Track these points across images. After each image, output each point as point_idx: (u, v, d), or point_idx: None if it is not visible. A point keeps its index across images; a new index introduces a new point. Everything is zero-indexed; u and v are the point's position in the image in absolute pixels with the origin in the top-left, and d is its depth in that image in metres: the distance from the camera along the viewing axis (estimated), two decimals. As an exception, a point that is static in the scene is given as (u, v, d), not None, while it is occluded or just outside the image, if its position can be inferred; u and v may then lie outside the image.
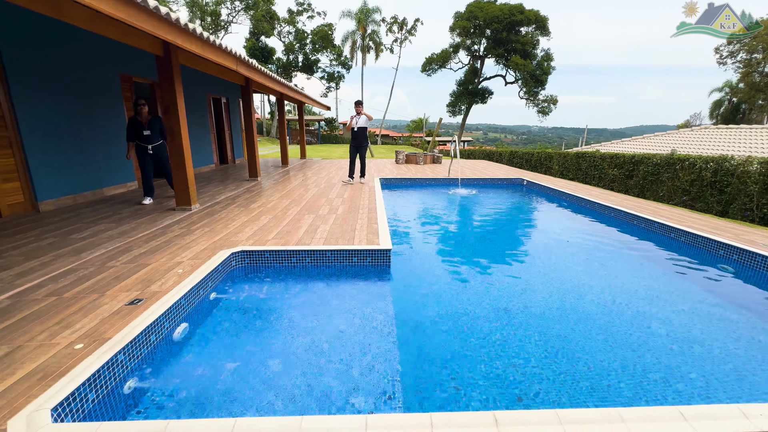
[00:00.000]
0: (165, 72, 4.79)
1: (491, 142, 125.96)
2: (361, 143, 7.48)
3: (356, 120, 7.29)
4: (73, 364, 1.76)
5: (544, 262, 4.20)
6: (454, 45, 30.87)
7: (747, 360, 2.42)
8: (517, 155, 15.30)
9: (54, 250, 3.51)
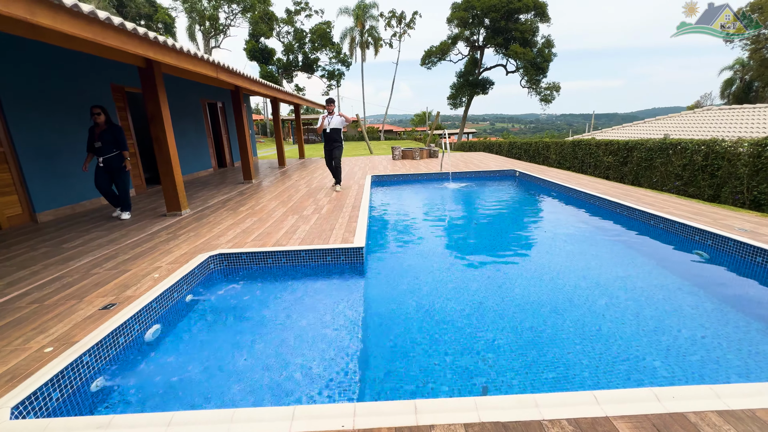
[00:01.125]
0: (148, 82, 4.94)
1: (498, 132, 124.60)
2: (333, 145, 6.72)
3: (328, 120, 6.56)
4: (39, 366, 1.91)
5: (524, 253, 4.25)
6: (453, 36, 30.56)
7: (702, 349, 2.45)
8: (516, 146, 15.19)
9: (45, 260, 3.70)
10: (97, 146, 4.95)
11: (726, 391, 1.54)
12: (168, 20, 32.90)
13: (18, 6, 2.27)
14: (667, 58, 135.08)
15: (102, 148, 4.96)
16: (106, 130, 4.95)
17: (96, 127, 4.95)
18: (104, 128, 4.94)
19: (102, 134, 4.92)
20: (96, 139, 4.92)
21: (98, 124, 4.92)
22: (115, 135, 4.99)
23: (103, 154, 4.98)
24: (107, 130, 4.96)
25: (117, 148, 5.03)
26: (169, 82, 8.53)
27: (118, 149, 5.04)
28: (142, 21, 31.94)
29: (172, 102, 8.75)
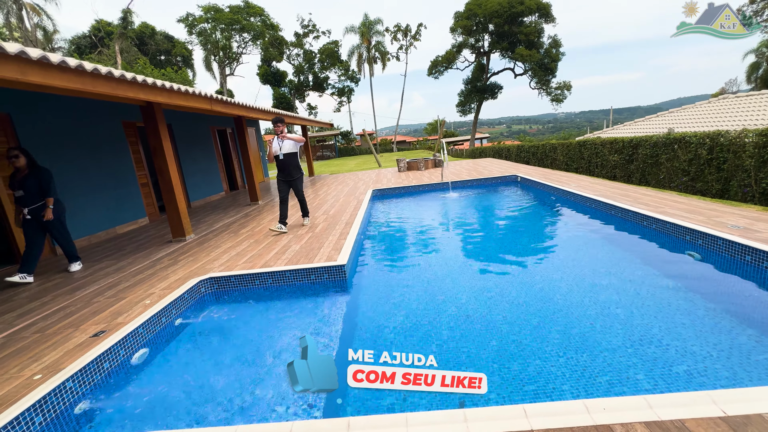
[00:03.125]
0: (149, 118, 5.32)
1: (515, 135, 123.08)
2: (293, 175, 5.42)
3: (279, 144, 5.25)
4: (26, 393, 2.10)
5: (515, 261, 4.24)
6: (458, 45, 30.80)
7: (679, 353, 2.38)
8: (524, 149, 15.02)
9: (55, 290, 4.00)
10: (18, 195, 4.13)
11: (659, 402, 1.53)
12: (185, 53, 34.83)
13: (10, 68, 2.58)
14: (687, 46, 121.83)
15: (25, 197, 4.13)
16: (28, 175, 4.18)
17: (17, 172, 4.20)
18: (26, 173, 4.18)
19: (24, 181, 4.14)
20: (17, 186, 4.13)
21: (19, 169, 4.18)
22: (41, 180, 4.20)
23: (28, 205, 4.15)
24: (30, 175, 4.18)
25: (44, 195, 4.24)
26: (180, 115, 9.07)
27: (48, 196, 4.25)
28: (162, 56, 33.96)
29: (182, 132, 9.29)
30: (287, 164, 5.41)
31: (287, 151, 5.35)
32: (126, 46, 28.15)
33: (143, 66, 23.67)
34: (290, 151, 5.37)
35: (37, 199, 4.23)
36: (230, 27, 33.02)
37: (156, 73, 22.61)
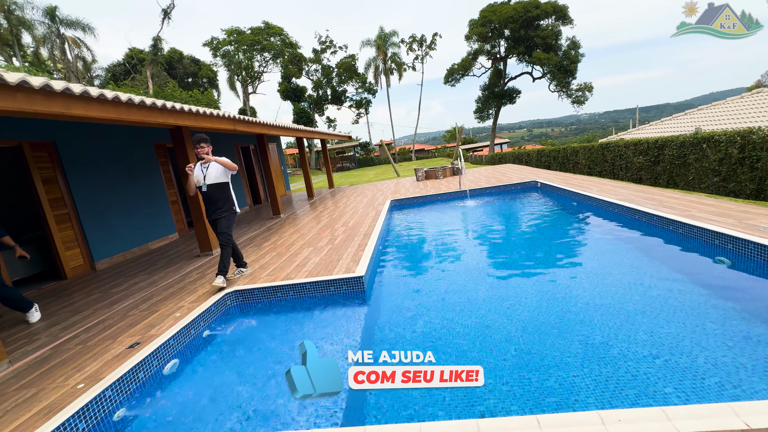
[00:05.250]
0: (178, 140, 5.65)
1: (537, 138, 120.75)
2: (220, 211, 4.10)
3: (203, 172, 4.02)
4: (71, 401, 2.28)
5: (535, 271, 4.19)
6: (473, 52, 30.80)
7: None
8: (545, 154, 14.75)
9: (96, 304, 4.29)
10: None
11: (678, 413, 1.50)
12: (211, 75, 36.57)
13: (57, 104, 2.86)
14: (716, 39, 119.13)
15: None
16: None
17: None
18: None
19: None
20: None
21: None
22: None
23: None
24: None
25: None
26: (208, 135, 9.54)
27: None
28: (189, 79, 35.79)
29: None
30: (213, 198, 4.05)
31: (213, 180, 4.00)
32: (156, 71, 29.89)
33: (172, 89, 25.03)
34: (217, 181, 4.03)
35: None
36: (252, 48, 34.46)
37: (184, 95, 23.85)
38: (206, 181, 4.03)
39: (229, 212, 4.16)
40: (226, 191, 4.16)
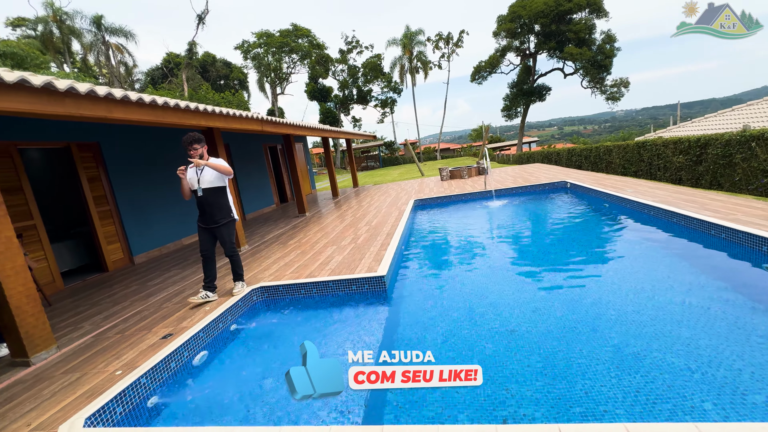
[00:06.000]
0: (210, 142, 5.88)
1: (568, 136, 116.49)
2: (215, 218, 3.80)
3: (197, 175, 3.71)
4: (108, 386, 2.43)
5: (558, 275, 4.06)
6: (501, 48, 30.10)
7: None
8: (576, 153, 14.20)
9: (133, 296, 4.55)
10: None
11: (712, 430, 1.42)
12: (241, 77, 37.82)
13: (100, 108, 3.05)
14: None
15: None
16: None
17: None
18: None
19: None
20: None
21: None
22: None
23: None
24: None
25: None
26: (236, 135, 9.89)
27: None
28: (222, 81, 37.16)
29: (238, 151, 10.09)
30: (208, 204, 3.75)
31: (208, 184, 3.71)
32: (191, 74, 31.26)
33: (206, 91, 26.10)
34: (213, 186, 3.74)
35: None
36: (280, 50, 35.32)
37: (216, 97, 24.80)
38: (201, 185, 3.71)
39: (227, 220, 3.88)
40: (222, 197, 3.84)
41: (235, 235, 4.00)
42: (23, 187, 5.00)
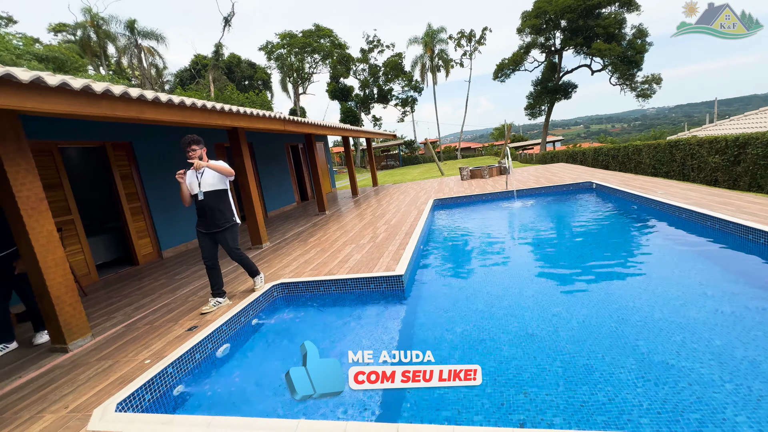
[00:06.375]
0: (234, 140, 6.06)
1: (594, 135, 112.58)
2: (218, 222, 3.63)
3: (197, 178, 3.58)
4: (138, 374, 2.56)
5: (581, 278, 3.95)
6: (525, 45, 29.40)
7: None
8: (602, 153, 13.71)
9: (161, 289, 4.75)
10: None
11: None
12: (265, 77, 38.65)
13: (133, 109, 3.20)
14: None
15: None
16: None
17: None
18: None
19: None
20: None
21: None
22: (6, 222, 3.19)
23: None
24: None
25: (9, 244, 3.31)
26: (259, 135, 10.13)
27: (10, 246, 3.32)
28: (246, 81, 38.09)
29: (261, 150, 10.34)
30: (210, 208, 3.58)
31: (209, 187, 3.56)
32: (217, 75, 32.21)
33: (231, 92, 26.83)
34: (214, 188, 3.59)
35: (4, 246, 3.25)
36: (303, 50, 35.84)
37: (241, 98, 25.46)
38: (201, 189, 3.55)
39: (230, 224, 3.70)
40: (224, 200, 3.67)
41: (237, 240, 3.80)
42: (63, 184, 5.31)
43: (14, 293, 3.54)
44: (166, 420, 2.01)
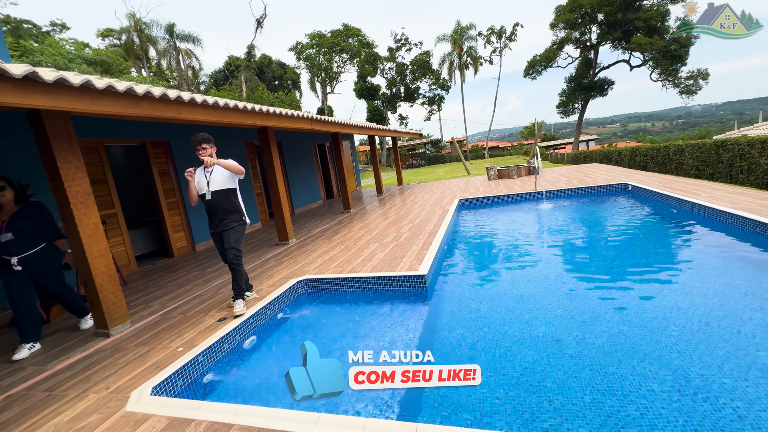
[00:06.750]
0: (264, 139, 6.24)
1: (632, 134, 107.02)
2: (224, 221, 3.55)
3: (204, 177, 3.49)
4: (171, 361, 2.70)
5: (612, 285, 3.79)
6: (559, 41, 28.34)
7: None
8: (640, 152, 13.02)
9: (194, 281, 4.98)
10: (4, 241, 3.10)
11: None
12: (294, 77, 39.53)
13: (171, 110, 3.38)
14: None
15: (13, 243, 3.13)
16: (20, 213, 3.20)
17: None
18: (16, 210, 3.20)
19: (14, 222, 3.15)
20: (3, 228, 3.12)
21: (1, 206, 3.15)
22: (38, 219, 3.25)
23: (17, 253, 3.14)
24: (23, 214, 3.21)
25: (42, 239, 3.29)
26: (288, 133, 10.38)
27: (44, 241, 3.30)
28: (276, 81, 39.11)
29: (289, 148, 10.59)
30: (218, 207, 3.50)
31: (219, 186, 3.47)
32: (249, 75, 33.27)
33: (261, 92, 27.64)
34: (224, 187, 3.50)
35: (36, 243, 3.24)
36: (331, 50, 36.33)
37: (271, 97, 26.16)
38: (210, 188, 3.45)
39: (237, 223, 3.58)
40: (233, 199, 3.58)
41: (242, 242, 3.61)
42: (107, 180, 5.67)
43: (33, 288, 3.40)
44: (196, 406, 2.12)
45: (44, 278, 3.34)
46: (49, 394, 2.55)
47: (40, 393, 2.58)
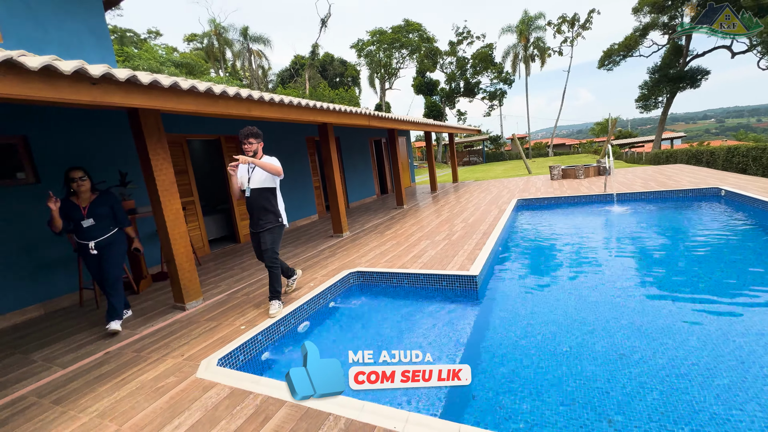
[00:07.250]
0: (323, 135, 6.51)
1: (731, 131, 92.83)
2: (260, 222, 3.52)
3: (249, 173, 3.48)
4: (235, 337, 2.97)
5: (691, 301, 3.38)
6: (642, 27, 25.43)
7: None
8: (739, 152, 11.25)
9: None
10: (87, 225, 3.34)
11: None
12: (354, 74, 40.48)
13: (242, 108, 3.68)
14: None
15: (94, 227, 3.37)
16: (97, 201, 3.41)
17: (74, 197, 3.37)
18: (95, 197, 3.42)
19: (93, 208, 3.37)
20: (85, 214, 3.34)
21: (80, 194, 3.36)
22: (113, 206, 3.50)
23: (96, 237, 3.38)
24: (99, 202, 3.42)
25: (114, 224, 3.52)
26: (346, 129, 10.70)
27: (115, 226, 3.53)
28: (337, 79, 40.40)
29: (347, 143, 10.92)
30: (256, 205, 3.47)
31: (258, 184, 3.44)
32: (312, 73, 34.77)
33: (323, 89, 28.76)
34: (263, 186, 3.46)
35: (110, 227, 3.48)
36: (391, 46, 36.53)
37: (332, 94, 27.13)
38: (250, 185, 3.40)
39: (274, 225, 3.52)
40: (271, 199, 3.52)
41: (279, 244, 3.57)
42: (188, 170, 6.34)
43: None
44: (254, 380, 2.32)
45: (109, 261, 3.42)
46: (137, 354, 2.95)
47: (130, 353, 3.00)
